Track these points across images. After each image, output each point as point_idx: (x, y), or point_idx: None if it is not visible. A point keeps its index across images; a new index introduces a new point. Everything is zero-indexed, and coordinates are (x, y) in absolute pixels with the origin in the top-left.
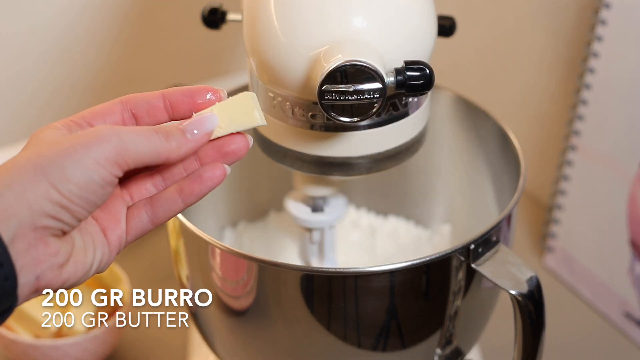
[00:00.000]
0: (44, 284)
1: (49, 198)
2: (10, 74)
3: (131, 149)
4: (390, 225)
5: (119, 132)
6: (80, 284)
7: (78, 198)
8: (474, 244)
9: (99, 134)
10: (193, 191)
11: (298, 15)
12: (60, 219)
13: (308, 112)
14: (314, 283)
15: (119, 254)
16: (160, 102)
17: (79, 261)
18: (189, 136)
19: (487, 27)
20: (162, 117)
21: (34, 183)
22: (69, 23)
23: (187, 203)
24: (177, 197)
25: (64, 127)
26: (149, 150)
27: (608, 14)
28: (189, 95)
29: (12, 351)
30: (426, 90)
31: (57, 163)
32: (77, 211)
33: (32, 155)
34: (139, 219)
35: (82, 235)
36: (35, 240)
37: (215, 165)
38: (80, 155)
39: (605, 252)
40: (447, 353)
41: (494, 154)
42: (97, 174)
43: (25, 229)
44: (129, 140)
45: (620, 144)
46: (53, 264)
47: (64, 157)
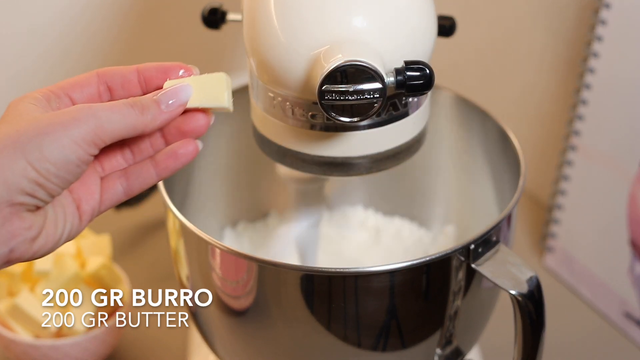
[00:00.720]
0: (15, 257)
1: (26, 176)
2: (10, 74)
3: (108, 127)
4: (395, 226)
5: (95, 112)
6: (49, 254)
7: (54, 176)
8: (474, 244)
9: (76, 113)
10: (168, 166)
11: (298, 15)
12: (36, 195)
13: (308, 112)
14: (314, 283)
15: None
16: (135, 76)
17: (50, 233)
18: (164, 107)
19: (487, 27)
20: (136, 91)
21: (13, 161)
22: (69, 23)
23: (161, 177)
24: (152, 171)
25: (43, 98)
26: (125, 125)
27: (608, 14)
28: (163, 71)
29: (12, 351)
30: (426, 90)
31: (36, 142)
32: (52, 189)
33: (12, 132)
34: (114, 191)
35: (54, 208)
36: (11, 215)
37: (188, 141)
38: (58, 135)
39: (605, 252)
40: (447, 353)
41: (494, 154)
42: (74, 154)
43: (1, 204)
44: (106, 119)
45: (620, 144)
46: (26, 238)
47: (43, 136)
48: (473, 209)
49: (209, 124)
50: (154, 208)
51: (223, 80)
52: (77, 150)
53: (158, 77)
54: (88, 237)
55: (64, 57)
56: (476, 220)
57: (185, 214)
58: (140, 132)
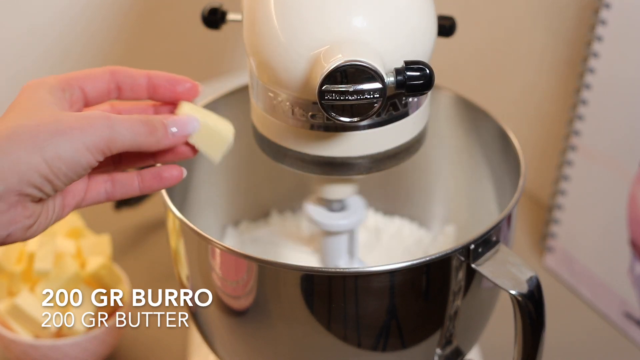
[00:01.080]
0: (10, 240)
1: (38, 171)
2: (10, 74)
3: (119, 139)
4: (395, 226)
5: (112, 123)
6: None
7: (63, 175)
8: (474, 244)
9: (94, 121)
10: (152, 186)
11: (298, 15)
12: (43, 189)
13: (308, 112)
14: (314, 283)
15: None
16: (145, 81)
17: (42, 222)
18: (170, 135)
19: (487, 27)
20: (143, 95)
21: (30, 155)
22: (69, 23)
23: (143, 192)
24: (137, 185)
25: (59, 88)
26: (133, 142)
27: (608, 14)
28: (172, 83)
29: (12, 351)
30: (426, 90)
31: (54, 142)
32: (58, 185)
33: (32, 125)
34: (97, 192)
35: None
36: (17, 203)
37: (174, 166)
38: (75, 139)
39: (605, 252)
40: (447, 353)
41: (494, 154)
42: (85, 158)
43: (10, 193)
44: (119, 132)
45: (620, 144)
46: (24, 225)
47: (60, 137)
48: (473, 209)
49: (181, 177)
50: (154, 208)
51: (227, 140)
52: (87, 155)
53: (166, 87)
54: (88, 237)
55: (64, 57)
56: (476, 220)
57: (185, 214)
58: (144, 150)
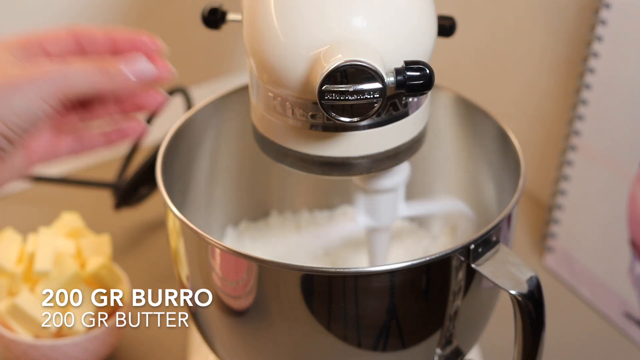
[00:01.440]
0: None
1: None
2: None
3: (73, 84)
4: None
5: (64, 68)
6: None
7: (19, 128)
8: (474, 244)
9: (46, 70)
10: (115, 139)
11: (298, 15)
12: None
13: (308, 112)
14: (314, 283)
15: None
16: (105, 38)
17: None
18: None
19: (487, 27)
20: (104, 52)
21: None
22: (69, 23)
23: (109, 145)
24: (102, 140)
25: (19, 46)
26: (88, 84)
27: (608, 14)
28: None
29: (12, 351)
30: (426, 90)
31: (5, 97)
32: (15, 139)
33: None
34: (62, 147)
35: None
36: None
37: (133, 118)
38: (27, 90)
39: (605, 252)
40: (447, 353)
41: (494, 154)
42: (40, 108)
43: None
44: (71, 77)
45: (620, 144)
46: None
47: (12, 91)
48: (473, 208)
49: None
50: (154, 208)
51: None
52: (43, 105)
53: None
54: (88, 237)
55: None
56: (476, 220)
57: (185, 214)
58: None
